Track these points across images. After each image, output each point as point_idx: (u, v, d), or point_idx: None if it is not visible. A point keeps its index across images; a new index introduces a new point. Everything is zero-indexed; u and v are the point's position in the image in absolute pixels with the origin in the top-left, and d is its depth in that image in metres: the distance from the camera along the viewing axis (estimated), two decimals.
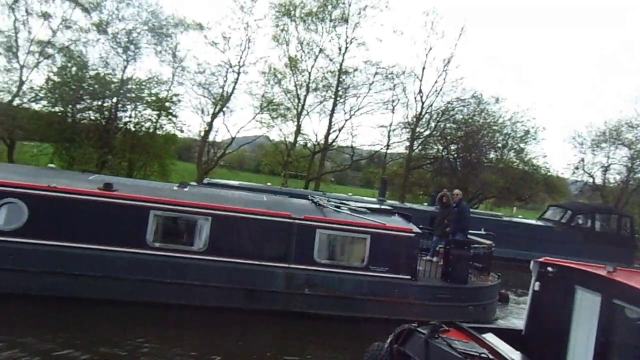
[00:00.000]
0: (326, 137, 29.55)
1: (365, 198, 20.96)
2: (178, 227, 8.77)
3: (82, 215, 8.28)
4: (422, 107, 30.22)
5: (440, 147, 31.96)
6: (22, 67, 24.28)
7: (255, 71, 31.40)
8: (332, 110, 29.16)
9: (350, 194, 20.87)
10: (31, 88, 24.42)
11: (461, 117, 31.00)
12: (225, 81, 27.73)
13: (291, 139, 29.53)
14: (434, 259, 10.90)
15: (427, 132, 31.09)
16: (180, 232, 8.75)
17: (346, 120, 29.47)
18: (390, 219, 9.92)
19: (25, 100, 24.46)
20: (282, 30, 27.79)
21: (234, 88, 27.84)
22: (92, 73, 24.99)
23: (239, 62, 27.52)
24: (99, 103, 24.90)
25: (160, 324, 7.89)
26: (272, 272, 8.73)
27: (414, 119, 30.45)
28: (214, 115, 28.01)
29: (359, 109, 29.33)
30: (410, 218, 10.46)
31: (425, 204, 22.10)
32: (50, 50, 24.85)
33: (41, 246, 7.95)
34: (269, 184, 20.30)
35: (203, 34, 26.94)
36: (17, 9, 24.03)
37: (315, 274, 8.87)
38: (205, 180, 18.85)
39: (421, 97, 30.04)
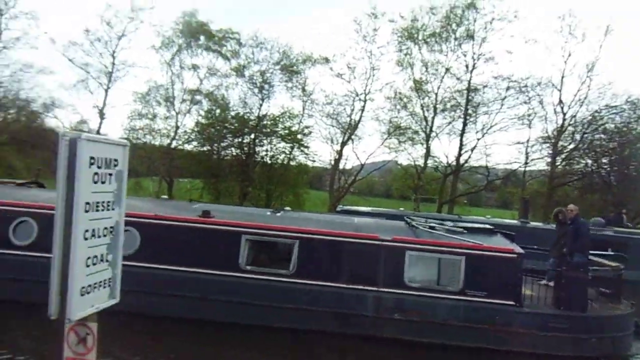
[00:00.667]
0: (457, 158, 28.55)
1: (505, 220, 19.60)
2: (268, 251, 8.93)
3: (183, 240, 8.78)
4: (564, 119, 27.72)
5: (589, 161, 28.79)
6: (177, 113, 27.84)
7: (381, 97, 31.82)
8: (463, 130, 28.17)
9: (488, 216, 19.69)
10: (184, 132, 27.82)
11: (613, 126, 27.70)
12: (352, 110, 28.55)
13: (421, 162, 29.09)
14: (551, 283, 9.65)
15: (572, 146, 28.28)
16: (270, 255, 8.90)
17: (478, 140, 28.22)
18: (489, 239, 9.05)
19: (180, 142, 27.89)
20: (405, 54, 27.92)
21: (361, 116, 28.50)
22: (232, 113, 27.66)
23: (364, 90, 28.19)
24: (239, 140, 27.30)
25: (249, 345, 8.12)
26: (360, 296, 8.39)
27: (555, 133, 28.00)
28: (343, 144, 28.84)
29: (491, 126, 27.93)
30: (513, 238, 9.48)
31: None
32: (198, 97, 28.11)
33: (150, 269, 8.55)
34: (401, 208, 20.10)
35: (329, 66, 28.19)
36: (172, 65, 27.77)
37: (405, 297, 8.35)
38: (339, 208, 19.27)
39: (562, 108, 27.63)
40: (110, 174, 3.09)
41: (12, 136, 28.32)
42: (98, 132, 27.74)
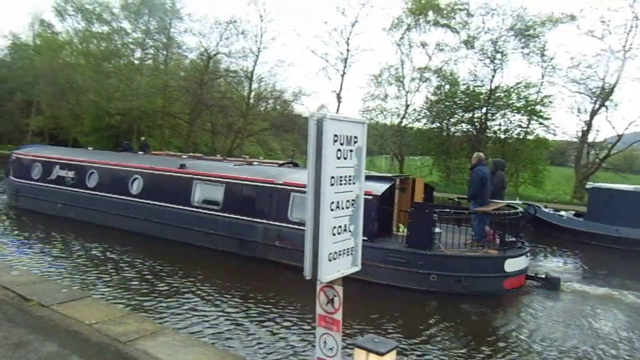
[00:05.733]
0: None
1: None
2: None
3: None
4: None
5: None
6: (407, 92, 28.36)
7: None
8: None
9: None
10: (414, 110, 28.18)
11: None
12: (606, 71, 24.29)
13: None
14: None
15: None
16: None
17: None
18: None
19: (409, 120, 28.42)
20: None
21: (618, 78, 24.02)
22: (462, 88, 26.65)
23: (623, 46, 23.59)
24: (470, 115, 26.22)
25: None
26: (253, 226, 10.58)
27: None
28: (594, 113, 24.89)
29: None
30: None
31: None
32: (426, 74, 28.02)
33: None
34: None
35: (575, 24, 24.48)
36: (402, 45, 28.31)
37: (286, 229, 10.12)
38: (588, 185, 16.81)
39: None
40: (351, 150, 3.32)
41: (271, 123, 33.61)
42: None
